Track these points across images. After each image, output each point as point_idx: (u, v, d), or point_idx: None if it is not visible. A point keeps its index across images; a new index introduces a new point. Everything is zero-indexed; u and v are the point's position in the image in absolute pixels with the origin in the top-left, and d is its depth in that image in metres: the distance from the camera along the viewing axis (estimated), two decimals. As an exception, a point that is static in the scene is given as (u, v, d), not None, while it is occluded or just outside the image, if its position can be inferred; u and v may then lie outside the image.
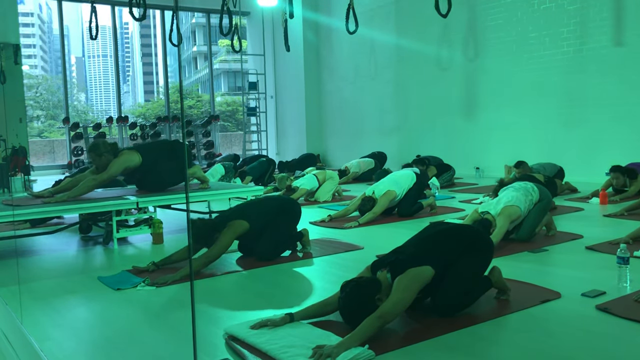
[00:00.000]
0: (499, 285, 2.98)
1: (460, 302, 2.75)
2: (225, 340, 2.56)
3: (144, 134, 13.56)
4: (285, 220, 4.23)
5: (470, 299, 2.81)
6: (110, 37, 16.47)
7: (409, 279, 2.58)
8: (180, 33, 32.71)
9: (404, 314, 2.75)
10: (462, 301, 2.76)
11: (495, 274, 2.99)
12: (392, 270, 2.65)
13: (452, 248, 2.83)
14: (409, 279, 2.58)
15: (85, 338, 2.73)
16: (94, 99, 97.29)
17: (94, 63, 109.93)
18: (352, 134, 12.64)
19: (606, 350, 2.34)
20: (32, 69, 61.71)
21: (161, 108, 31.03)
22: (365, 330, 2.37)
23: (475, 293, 2.83)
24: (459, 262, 2.77)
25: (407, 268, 2.61)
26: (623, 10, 7.73)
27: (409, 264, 2.64)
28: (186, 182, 3.43)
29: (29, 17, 69.03)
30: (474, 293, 2.83)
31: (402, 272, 2.61)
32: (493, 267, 3.02)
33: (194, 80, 45.99)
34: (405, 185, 5.74)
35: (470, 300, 2.81)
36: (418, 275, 2.61)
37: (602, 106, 7.99)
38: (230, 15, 8.16)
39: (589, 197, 6.48)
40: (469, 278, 2.80)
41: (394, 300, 2.50)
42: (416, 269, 2.62)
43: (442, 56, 10.33)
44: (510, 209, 4.19)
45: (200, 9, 16.16)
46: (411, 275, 2.59)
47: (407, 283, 2.57)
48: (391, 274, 2.64)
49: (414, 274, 2.60)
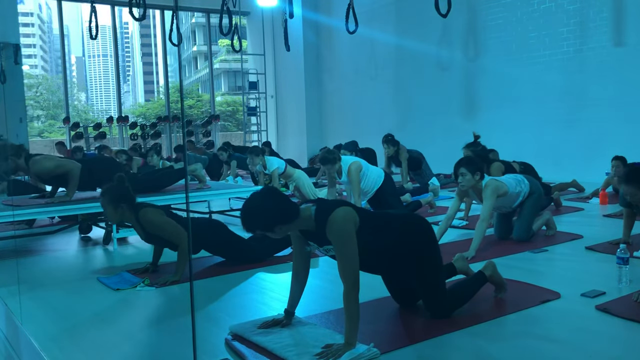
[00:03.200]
0: (495, 280, 2.98)
1: (442, 301, 2.70)
2: (225, 340, 2.56)
3: (144, 133, 13.56)
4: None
5: (458, 296, 2.79)
6: (110, 37, 16.46)
7: (339, 233, 2.37)
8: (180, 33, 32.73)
9: (405, 314, 2.75)
10: (445, 299, 2.70)
11: (490, 268, 2.98)
12: (317, 207, 2.45)
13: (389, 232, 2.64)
14: (339, 233, 2.37)
15: (85, 338, 2.73)
16: (94, 99, 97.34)
17: (94, 63, 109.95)
18: (352, 133, 12.62)
19: (606, 350, 2.34)
20: (32, 69, 61.72)
21: (161, 108, 31.03)
22: (352, 313, 2.30)
23: (442, 284, 2.73)
24: (405, 259, 2.62)
25: (331, 211, 2.39)
26: (623, 10, 7.73)
27: (333, 207, 2.41)
28: (186, 182, 3.43)
29: (29, 17, 69.00)
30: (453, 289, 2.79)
31: (325, 213, 2.40)
32: (487, 262, 3.02)
33: (194, 80, 45.97)
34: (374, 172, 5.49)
35: (461, 296, 2.80)
36: (346, 221, 2.38)
37: (602, 106, 7.98)
38: (230, 15, 8.16)
39: (589, 197, 6.48)
40: (427, 272, 2.66)
41: (343, 261, 2.35)
42: (338, 217, 2.38)
43: (442, 56, 10.32)
44: (496, 182, 4.16)
45: (200, 9, 16.15)
46: (337, 227, 2.36)
47: (341, 238, 2.36)
48: (315, 210, 2.44)
49: (340, 227, 2.37)
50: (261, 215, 2.37)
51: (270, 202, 2.39)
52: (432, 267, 2.68)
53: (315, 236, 2.51)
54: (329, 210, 2.40)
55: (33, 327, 2.83)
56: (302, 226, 2.47)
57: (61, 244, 5.16)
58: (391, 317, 2.79)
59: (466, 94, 9.98)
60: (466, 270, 3.08)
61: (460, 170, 4.09)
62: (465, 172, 4.06)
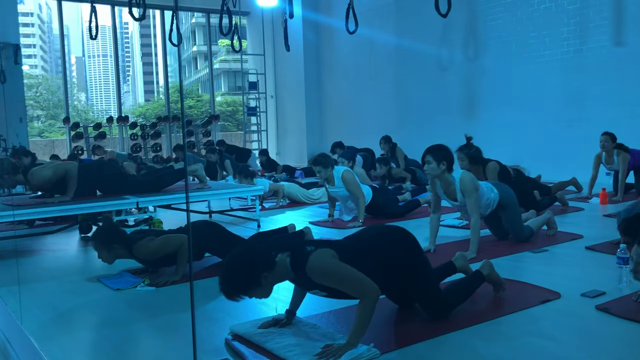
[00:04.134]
0: (492, 279, 2.98)
1: (438, 302, 2.69)
2: (225, 340, 2.56)
3: (144, 133, 13.55)
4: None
5: (456, 296, 2.79)
6: (110, 37, 16.46)
7: (324, 274, 2.35)
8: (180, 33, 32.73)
9: (405, 314, 2.75)
10: (441, 300, 2.70)
11: (487, 267, 2.98)
12: (291, 258, 2.40)
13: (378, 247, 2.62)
14: (324, 274, 2.35)
15: (85, 338, 2.73)
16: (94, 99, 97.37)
17: (94, 63, 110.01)
18: (352, 133, 12.63)
19: (606, 350, 2.34)
20: (32, 69, 61.72)
21: (161, 108, 31.01)
22: (363, 317, 2.31)
23: (435, 286, 2.72)
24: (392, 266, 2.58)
25: (307, 260, 2.35)
26: (623, 10, 7.73)
27: (308, 255, 2.37)
28: (186, 182, 3.43)
29: (29, 17, 69.04)
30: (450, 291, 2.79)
31: (301, 264, 2.36)
32: (484, 261, 3.02)
33: (194, 80, 45.98)
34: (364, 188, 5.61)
35: (458, 296, 2.80)
36: (324, 262, 2.36)
37: (602, 106, 7.98)
38: (230, 15, 8.15)
39: (588, 196, 6.48)
40: (418, 278, 2.65)
41: (349, 287, 2.35)
42: (316, 264, 2.35)
43: (442, 56, 10.32)
44: (470, 174, 4.07)
45: (200, 9, 16.15)
46: (321, 271, 2.35)
47: (330, 276, 2.36)
48: (290, 262, 2.40)
49: (323, 269, 2.35)
50: (243, 282, 2.32)
51: (240, 268, 2.33)
52: (422, 273, 2.66)
53: (299, 282, 2.53)
54: (304, 261, 2.36)
55: (33, 327, 2.83)
56: (282, 278, 2.43)
57: (61, 244, 5.16)
58: (391, 317, 2.79)
59: (466, 94, 9.98)
60: (466, 268, 3.08)
61: (426, 157, 3.97)
62: (430, 159, 3.94)
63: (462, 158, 5.14)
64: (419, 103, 10.93)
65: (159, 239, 3.66)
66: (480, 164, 5.08)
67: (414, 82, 11.03)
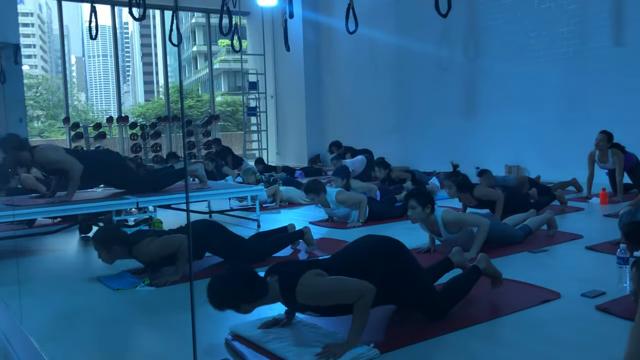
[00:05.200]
0: (489, 272, 2.98)
1: (435, 303, 2.69)
2: (225, 340, 2.56)
3: (144, 133, 13.55)
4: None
5: (454, 294, 2.79)
6: (110, 37, 16.46)
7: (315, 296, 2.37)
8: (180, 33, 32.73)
9: (405, 314, 2.75)
10: (437, 301, 2.70)
11: (483, 261, 2.98)
12: (280, 282, 2.41)
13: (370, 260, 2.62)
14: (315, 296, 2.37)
15: (85, 338, 2.73)
16: (94, 99, 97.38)
17: (94, 63, 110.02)
18: (352, 133, 12.62)
19: (606, 350, 2.34)
20: (32, 69, 61.71)
21: (161, 108, 31.01)
22: (361, 318, 2.32)
23: (430, 288, 2.72)
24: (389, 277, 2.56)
25: (297, 282, 2.35)
26: (623, 10, 7.73)
27: (295, 280, 2.37)
28: (186, 182, 3.43)
29: (29, 17, 69.01)
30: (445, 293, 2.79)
31: (290, 287, 2.37)
32: (480, 255, 3.02)
33: (194, 80, 45.97)
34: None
35: (456, 294, 2.80)
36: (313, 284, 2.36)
37: (602, 106, 7.97)
38: (230, 15, 8.15)
39: (588, 196, 6.49)
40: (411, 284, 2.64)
41: (344, 297, 2.36)
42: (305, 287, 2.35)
43: (442, 56, 10.32)
44: (451, 212, 4.17)
45: (200, 9, 16.14)
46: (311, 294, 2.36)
47: (322, 295, 2.37)
48: (279, 287, 2.41)
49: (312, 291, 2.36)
50: (227, 294, 2.37)
51: (236, 282, 2.38)
52: (413, 279, 2.65)
53: (289, 306, 2.56)
54: (293, 285, 2.35)
55: (33, 327, 2.83)
56: (272, 301, 2.45)
57: (61, 244, 5.15)
58: (391, 317, 2.79)
59: (466, 94, 9.97)
60: (463, 264, 3.09)
61: (411, 202, 3.94)
62: (415, 205, 3.91)
63: (449, 186, 5.16)
64: (419, 103, 10.93)
65: (159, 240, 3.67)
66: (468, 191, 5.13)
67: (413, 82, 11.02)
